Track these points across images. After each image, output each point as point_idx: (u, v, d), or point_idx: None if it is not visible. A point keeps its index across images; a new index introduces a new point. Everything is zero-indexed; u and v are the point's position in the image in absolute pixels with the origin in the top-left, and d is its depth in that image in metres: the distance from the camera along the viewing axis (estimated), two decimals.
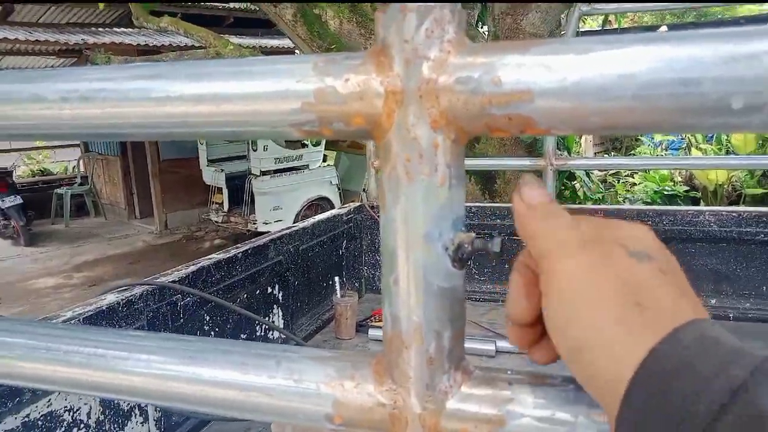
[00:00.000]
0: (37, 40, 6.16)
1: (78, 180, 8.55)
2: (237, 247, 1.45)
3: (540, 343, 0.31)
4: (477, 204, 2.08)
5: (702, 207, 3.56)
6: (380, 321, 1.82)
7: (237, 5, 8.21)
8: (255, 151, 6.18)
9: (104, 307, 1.01)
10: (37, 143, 11.07)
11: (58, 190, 8.21)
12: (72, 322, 0.94)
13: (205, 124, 0.32)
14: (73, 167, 9.85)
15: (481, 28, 4.47)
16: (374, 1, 2.24)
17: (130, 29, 7.13)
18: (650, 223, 1.85)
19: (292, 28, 2.83)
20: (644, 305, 0.26)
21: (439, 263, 0.29)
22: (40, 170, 10.38)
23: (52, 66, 9.70)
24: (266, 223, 6.14)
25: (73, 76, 0.34)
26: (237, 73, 0.31)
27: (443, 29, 0.27)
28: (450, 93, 0.27)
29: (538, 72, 0.26)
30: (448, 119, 0.27)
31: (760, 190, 5.95)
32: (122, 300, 1.05)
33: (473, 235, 0.29)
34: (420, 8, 0.27)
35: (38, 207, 8.00)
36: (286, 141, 7.73)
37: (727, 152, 6.43)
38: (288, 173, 6.47)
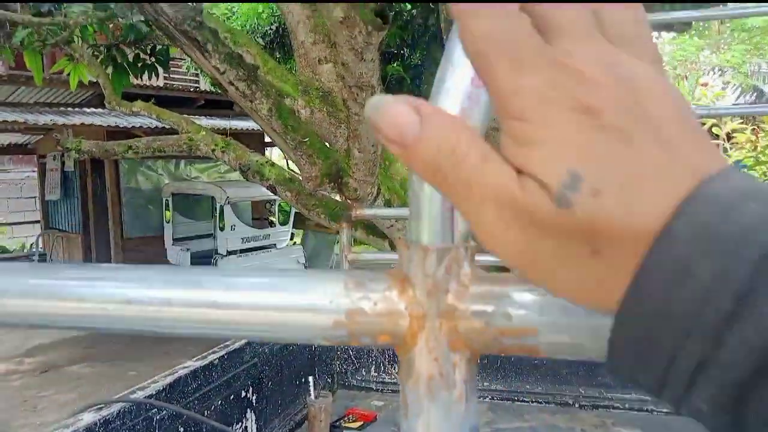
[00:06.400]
0: (5, 120, 6.15)
1: (35, 258, 8.28)
2: (214, 352, 1.44)
3: None
4: None
5: None
6: (354, 421, 1.80)
7: (208, 87, 8.42)
8: (222, 230, 6.17)
9: (81, 429, 0.99)
10: None
11: None
12: None
13: (240, 329, 0.36)
14: (31, 244, 9.57)
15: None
16: (363, 1, 2.34)
17: (101, 109, 7.20)
18: None
19: (268, 122, 2.93)
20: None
21: None
22: None
23: (17, 143, 9.62)
24: None
25: (116, 282, 0.38)
26: (273, 286, 0.35)
27: (459, 265, 0.32)
28: (467, 321, 0.31)
29: (542, 310, 0.30)
30: (465, 343, 0.32)
31: None
32: (100, 419, 1.03)
33: None
34: (440, 249, 0.32)
35: None
36: (253, 219, 7.74)
37: None
38: (255, 252, 6.44)
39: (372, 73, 2.84)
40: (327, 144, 3.57)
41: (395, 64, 6.28)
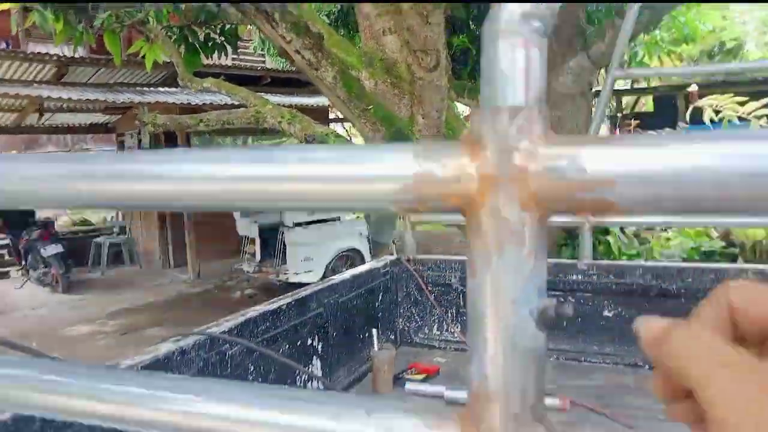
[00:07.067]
0: (88, 99, 6.52)
1: (116, 230, 8.81)
2: (282, 298, 1.49)
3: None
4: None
5: (744, 265, 3.49)
6: (417, 374, 1.82)
7: (274, 66, 8.60)
8: None
9: (161, 356, 1.06)
10: None
11: (97, 240, 8.45)
12: (134, 369, 0.98)
13: (316, 200, 0.37)
14: (112, 217, 10.18)
15: None
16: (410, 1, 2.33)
17: (173, 88, 7.50)
18: (690, 280, 1.84)
19: (332, 89, 2.96)
20: None
21: (525, 326, 0.32)
22: (81, 220, 10.73)
23: (98, 122, 10.19)
24: (297, 274, 6.21)
25: (194, 161, 0.39)
26: (345, 157, 0.36)
27: (532, 125, 0.32)
28: (539, 179, 0.31)
29: (620, 162, 0.30)
30: (536, 201, 0.31)
31: None
32: (177, 349, 1.09)
33: (555, 301, 0.33)
34: (512, 107, 0.32)
35: (77, 255, 8.25)
36: None
37: None
38: (320, 224, 6.57)
39: (437, 37, 2.81)
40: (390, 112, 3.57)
41: (461, 37, 6.17)
